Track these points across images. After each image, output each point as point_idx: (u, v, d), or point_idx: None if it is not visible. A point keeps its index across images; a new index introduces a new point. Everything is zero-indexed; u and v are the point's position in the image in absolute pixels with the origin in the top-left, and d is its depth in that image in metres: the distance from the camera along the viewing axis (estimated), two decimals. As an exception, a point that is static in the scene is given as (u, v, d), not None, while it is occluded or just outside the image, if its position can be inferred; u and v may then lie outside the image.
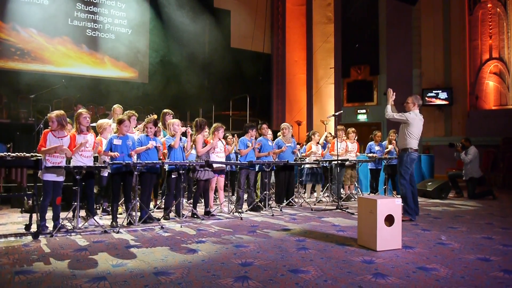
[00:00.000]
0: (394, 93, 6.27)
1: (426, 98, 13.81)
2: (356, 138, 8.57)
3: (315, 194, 8.34)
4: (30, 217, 4.88)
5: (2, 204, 6.88)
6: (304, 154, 8.17)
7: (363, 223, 4.32)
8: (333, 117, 7.61)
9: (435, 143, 13.64)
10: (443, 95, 13.65)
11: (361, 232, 4.36)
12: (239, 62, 14.25)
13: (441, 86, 13.76)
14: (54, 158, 4.85)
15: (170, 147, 5.83)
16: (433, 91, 13.76)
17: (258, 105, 14.25)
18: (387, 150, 8.59)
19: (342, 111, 8.65)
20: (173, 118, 6.79)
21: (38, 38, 11.75)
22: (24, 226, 4.89)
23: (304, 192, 8.32)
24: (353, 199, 8.25)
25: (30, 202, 5.67)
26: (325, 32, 15.94)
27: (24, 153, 4.82)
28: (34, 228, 4.72)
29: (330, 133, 9.24)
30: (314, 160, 7.82)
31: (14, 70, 11.22)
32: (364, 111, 15.35)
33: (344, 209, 6.77)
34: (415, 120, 6.01)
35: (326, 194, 8.35)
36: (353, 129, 8.57)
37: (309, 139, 8.29)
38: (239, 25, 15.45)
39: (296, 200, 7.57)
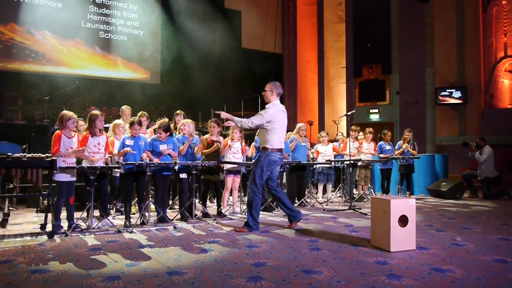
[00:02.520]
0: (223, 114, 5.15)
1: (439, 97, 13.65)
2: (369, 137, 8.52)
3: (326, 194, 8.30)
4: (45, 217, 4.95)
5: (18, 204, 6.99)
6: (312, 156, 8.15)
7: (376, 223, 4.28)
8: (345, 117, 7.57)
9: (449, 142, 13.47)
10: (457, 94, 13.47)
11: (374, 232, 4.32)
12: (250, 62, 14.27)
13: (455, 85, 13.59)
14: (69, 159, 4.93)
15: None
16: (447, 90, 13.59)
17: (269, 105, 14.22)
18: (401, 149, 8.51)
19: (354, 111, 8.60)
20: (182, 118, 6.86)
21: (52, 40, 11.91)
22: (39, 226, 4.97)
23: (317, 193, 8.29)
24: (366, 200, 8.19)
25: (46, 202, 5.74)
26: (337, 31, 15.86)
27: (40, 154, 4.89)
28: (49, 227, 4.78)
29: (341, 133, 9.24)
30: (326, 160, 7.79)
31: (29, 72, 11.39)
32: (376, 110, 15.23)
33: (357, 210, 6.73)
34: (276, 114, 5.11)
35: (338, 195, 8.30)
36: (371, 129, 8.52)
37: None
38: (250, 26, 15.45)
39: (308, 200, 7.54)
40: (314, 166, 8.09)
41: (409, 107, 14.27)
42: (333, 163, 7.78)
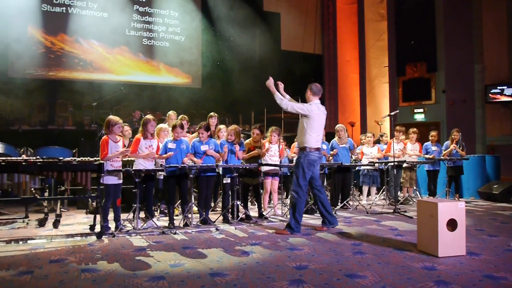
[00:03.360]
0: (280, 84, 5.40)
1: (489, 95, 12.99)
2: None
3: (370, 196, 8.12)
4: (94, 218, 5.16)
5: (69, 206, 7.33)
6: (355, 157, 8.02)
7: (423, 227, 4.14)
8: (388, 117, 7.39)
9: (501, 142, 12.77)
10: (509, 91, 12.75)
11: (421, 237, 4.18)
12: (290, 64, 14.20)
13: (507, 82, 12.87)
14: (116, 162, 5.13)
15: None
16: (498, 87, 12.90)
17: (310, 107, 14.10)
18: (448, 150, 8.19)
19: (398, 111, 8.37)
20: (216, 121, 6.95)
21: (99, 49, 12.43)
22: (89, 227, 5.18)
23: (359, 195, 8.14)
24: (411, 202, 7.94)
25: (94, 204, 5.99)
26: (378, 29, 15.50)
27: (88, 158, 5.11)
28: (98, 228, 4.99)
29: (384, 133, 9.06)
30: (369, 162, 7.63)
31: (78, 80, 11.94)
32: (421, 110, 14.71)
33: (402, 213, 6.53)
34: (316, 113, 5.17)
35: (382, 197, 8.10)
36: (415, 129, 8.27)
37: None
38: (289, 27, 15.40)
39: (351, 203, 7.41)
40: (358, 168, 7.96)
41: (457, 106, 13.67)
42: (376, 165, 7.61)
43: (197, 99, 13.26)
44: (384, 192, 7.93)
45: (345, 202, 7.21)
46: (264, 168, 6.47)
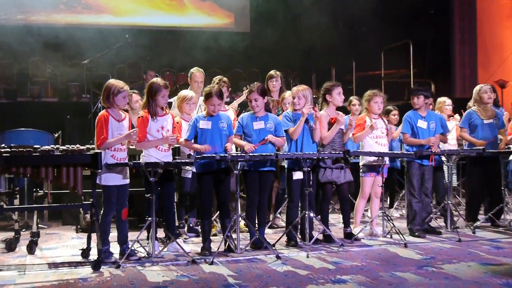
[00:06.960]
0: None
1: None
2: None
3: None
4: (89, 239, 5.33)
5: (51, 220, 7.66)
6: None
7: None
8: None
9: None
10: None
11: None
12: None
13: None
14: (119, 153, 5.22)
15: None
16: None
17: (428, 58, 13.69)
18: None
19: None
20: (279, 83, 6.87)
21: (91, -24, 12.78)
22: (80, 252, 5.37)
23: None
24: None
25: (88, 216, 6.19)
26: None
27: (78, 145, 5.24)
28: (94, 254, 5.14)
29: None
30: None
31: (61, 26, 12.31)
32: None
33: None
34: None
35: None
36: None
37: None
38: None
39: (503, 216, 7.18)
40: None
41: None
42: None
43: (243, 50, 13.28)
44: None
45: (490, 214, 6.98)
46: (366, 159, 6.35)
